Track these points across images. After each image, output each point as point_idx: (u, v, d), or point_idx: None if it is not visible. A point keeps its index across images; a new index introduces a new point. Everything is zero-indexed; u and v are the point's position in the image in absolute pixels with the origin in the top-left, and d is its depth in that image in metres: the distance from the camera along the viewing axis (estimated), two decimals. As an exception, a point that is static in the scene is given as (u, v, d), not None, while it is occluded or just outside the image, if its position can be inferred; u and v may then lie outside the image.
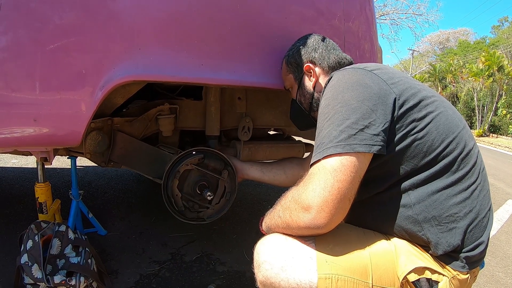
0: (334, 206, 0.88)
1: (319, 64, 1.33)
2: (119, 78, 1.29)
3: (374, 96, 0.97)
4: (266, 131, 2.37)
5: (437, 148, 0.98)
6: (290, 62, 1.40)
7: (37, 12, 1.20)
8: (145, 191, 3.25)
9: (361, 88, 0.99)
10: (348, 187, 0.89)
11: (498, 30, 35.93)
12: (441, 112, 1.02)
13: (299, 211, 0.93)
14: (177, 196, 1.64)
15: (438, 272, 0.97)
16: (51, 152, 1.47)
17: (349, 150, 0.90)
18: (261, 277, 1.00)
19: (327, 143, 0.93)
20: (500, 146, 16.12)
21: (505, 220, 3.85)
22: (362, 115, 0.94)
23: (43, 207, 1.84)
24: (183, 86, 1.88)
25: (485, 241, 0.99)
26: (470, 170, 1.00)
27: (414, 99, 1.00)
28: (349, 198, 0.90)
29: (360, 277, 0.95)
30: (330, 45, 1.37)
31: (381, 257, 0.98)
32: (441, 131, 0.99)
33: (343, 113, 0.95)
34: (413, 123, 0.98)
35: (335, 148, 0.91)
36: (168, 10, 1.33)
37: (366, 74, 1.04)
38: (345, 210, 0.91)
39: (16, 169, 3.64)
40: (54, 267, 1.50)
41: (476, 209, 0.98)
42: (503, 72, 20.76)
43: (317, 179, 0.90)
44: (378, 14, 17.35)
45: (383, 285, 0.96)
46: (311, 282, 0.94)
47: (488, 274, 2.44)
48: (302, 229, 0.95)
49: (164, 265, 1.99)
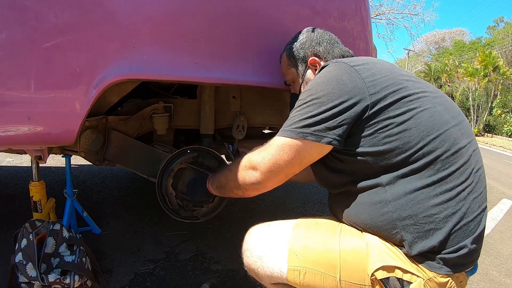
0: (274, 176, 1.09)
1: (324, 58, 1.33)
2: (113, 77, 1.29)
3: (344, 94, 1.01)
4: (260, 130, 2.38)
5: (416, 145, 0.97)
6: (292, 56, 1.38)
7: (31, 11, 1.20)
8: (140, 190, 3.25)
9: (335, 84, 1.04)
10: (286, 165, 1.06)
11: (494, 31, 36.02)
12: (426, 108, 1.01)
13: (248, 169, 1.14)
14: (172, 195, 1.64)
15: (411, 272, 0.95)
16: (46, 150, 1.47)
17: (300, 137, 1.02)
18: (245, 263, 1.17)
19: (288, 126, 1.06)
20: (495, 145, 16.21)
21: (499, 219, 3.88)
22: (325, 110, 1.01)
23: (37, 205, 1.84)
24: (177, 84, 1.88)
25: (468, 245, 0.94)
26: (456, 170, 0.97)
27: (393, 97, 1.01)
28: (285, 173, 1.08)
29: (327, 271, 1.01)
30: (333, 39, 1.37)
31: (351, 253, 1.01)
32: (422, 128, 0.98)
33: (310, 105, 1.04)
34: (388, 120, 0.99)
35: (290, 132, 1.04)
36: (162, 8, 1.33)
37: (346, 70, 1.06)
38: (280, 180, 1.11)
39: (11, 168, 3.63)
40: (48, 265, 1.50)
41: (461, 212, 0.95)
42: (499, 72, 20.84)
43: (269, 150, 1.09)
44: (374, 14, 17.40)
45: (351, 280, 0.99)
46: (282, 272, 1.06)
47: (481, 273, 2.46)
48: (245, 185, 1.17)
49: (158, 263, 1.99)
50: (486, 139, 19.47)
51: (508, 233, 3.44)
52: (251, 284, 1.83)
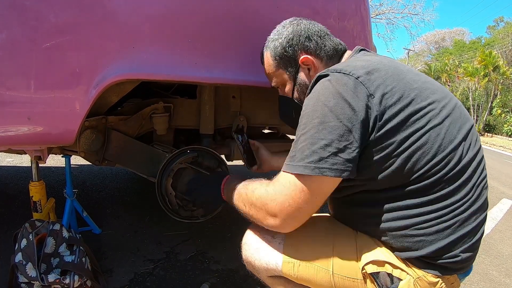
0: (296, 221, 0.98)
1: (316, 55, 1.18)
2: (113, 77, 1.28)
3: (355, 115, 0.90)
4: (260, 130, 2.38)
5: (420, 170, 0.92)
6: (279, 55, 1.22)
7: (31, 11, 1.20)
8: (140, 190, 3.25)
9: (342, 103, 0.91)
10: (311, 207, 0.95)
11: (494, 30, 36.04)
12: (433, 127, 0.93)
13: (265, 214, 1.00)
14: (171, 195, 1.64)
15: (400, 268, 0.96)
16: (45, 150, 1.47)
17: (317, 174, 0.90)
18: (243, 256, 1.19)
19: (299, 159, 0.92)
20: (495, 145, 16.24)
21: (499, 219, 3.88)
22: (338, 137, 0.90)
23: (37, 205, 1.84)
24: (177, 84, 1.88)
25: (460, 255, 0.94)
26: (458, 187, 0.94)
27: (401, 116, 0.92)
28: (310, 214, 0.98)
29: (321, 264, 1.03)
30: (322, 30, 1.21)
31: (344, 248, 1.05)
32: (428, 151, 0.92)
33: (319, 131, 0.91)
34: (393, 145, 0.92)
35: (304, 169, 0.91)
36: (162, 8, 1.33)
37: (351, 84, 0.93)
38: (303, 220, 0.99)
39: (11, 168, 3.63)
40: (48, 265, 1.50)
41: (456, 226, 0.93)
42: (498, 72, 20.86)
43: (286, 194, 0.94)
44: (374, 14, 17.40)
45: (344, 274, 1.02)
46: (277, 264, 1.08)
47: (481, 272, 2.46)
48: (264, 226, 1.04)
49: (158, 263, 1.99)
50: (486, 139, 19.48)
51: (508, 233, 3.44)
52: (251, 284, 1.83)
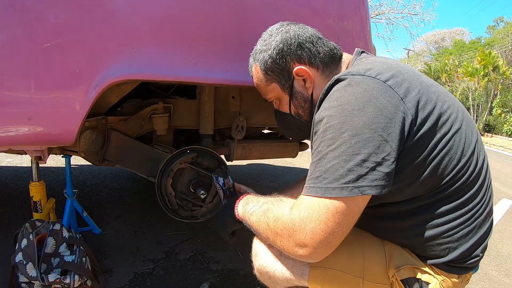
0: (330, 247, 0.83)
1: (311, 64, 1.07)
2: (113, 77, 1.29)
3: (390, 122, 0.81)
4: (260, 130, 2.38)
5: (447, 177, 0.89)
6: (269, 69, 1.11)
7: (31, 11, 1.20)
8: (140, 190, 3.25)
9: (375, 110, 0.81)
10: (346, 229, 0.82)
11: (493, 30, 36.00)
12: (456, 131, 0.90)
13: (293, 244, 0.85)
14: (171, 195, 1.64)
15: (428, 273, 0.96)
16: (46, 151, 1.47)
17: (357, 194, 0.79)
18: (257, 265, 1.06)
19: (331, 181, 0.80)
20: (495, 145, 16.24)
21: (499, 219, 3.89)
22: (375, 149, 0.79)
23: (37, 206, 1.84)
24: (177, 85, 1.88)
25: (479, 254, 0.97)
26: (476, 191, 0.94)
27: (431, 119, 0.87)
28: (343, 237, 0.84)
29: (351, 271, 0.97)
30: (313, 35, 1.10)
31: (373, 254, 1.00)
32: (453, 157, 0.89)
33: (352, 145, 0.80)
34: (426, 152, 0.86)
35: (341, 191, 0.79)
36: (162, 9, 1.33)
37: (380, 89, 0.85)
38: (337, 245, 0.85)
39: (11, 168, 3.62)
40: (48, 265, 1.51)
41: (476, 228, 0.95)
42: (498, 72, 20.86)
43: (316, 220, 0.81)
44: (373, 14, 17.41)
45: (374, 281, 0.98)
46: (303, 274, 0.98)
47: (481, 272, 2.47)
48: (293, 257, 0.90)
49: (158, 263, 1.99)
50: (486, 139, 19.48)
51: (507, 233, 3.44)
52: (251, 284, 1.84)
